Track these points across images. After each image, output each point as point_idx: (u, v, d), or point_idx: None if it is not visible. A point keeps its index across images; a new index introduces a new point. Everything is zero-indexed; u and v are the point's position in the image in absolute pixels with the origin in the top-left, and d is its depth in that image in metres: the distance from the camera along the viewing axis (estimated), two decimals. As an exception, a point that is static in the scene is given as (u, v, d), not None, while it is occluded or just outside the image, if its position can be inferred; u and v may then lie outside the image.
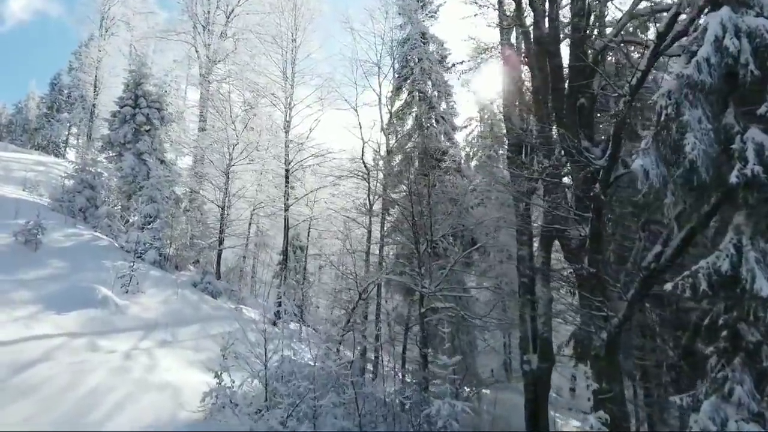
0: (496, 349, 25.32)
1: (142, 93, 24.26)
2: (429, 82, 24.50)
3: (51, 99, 61.40)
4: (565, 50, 13.44)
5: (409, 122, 25.18)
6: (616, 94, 12.34)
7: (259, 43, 23.31)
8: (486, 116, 30.72)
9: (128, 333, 11.58)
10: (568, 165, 11.86)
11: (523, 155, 17.46)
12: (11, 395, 7.51)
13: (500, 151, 27.70)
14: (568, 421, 21.60)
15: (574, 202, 11.01)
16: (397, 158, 22.99)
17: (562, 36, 12.17)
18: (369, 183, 19.47)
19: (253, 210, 25.30)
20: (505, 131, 18.85)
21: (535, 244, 17.13)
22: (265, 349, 9.37)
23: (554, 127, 12.83)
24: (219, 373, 8.94)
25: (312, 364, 11.23)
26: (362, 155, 20.28)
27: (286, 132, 21.44)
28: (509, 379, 27.30)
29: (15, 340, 9.05)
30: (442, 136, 23.53)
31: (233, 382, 9.10)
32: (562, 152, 11.41)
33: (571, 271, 17.11)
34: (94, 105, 32.92)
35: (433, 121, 23.83)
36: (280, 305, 21.01)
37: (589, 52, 11.25)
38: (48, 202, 19.82)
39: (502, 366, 27.66)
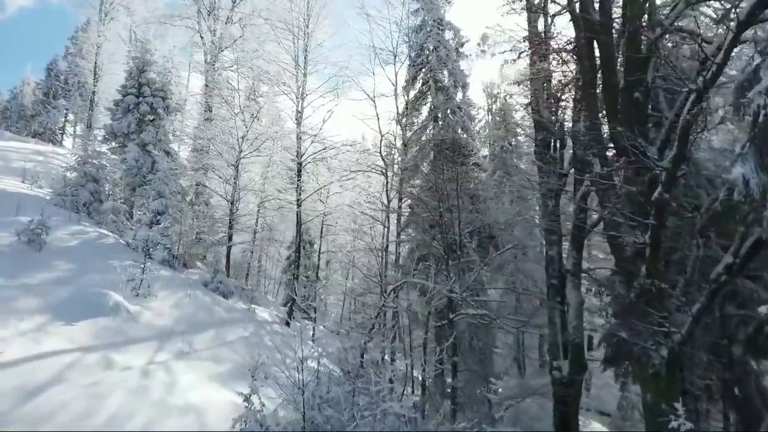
0: (510, 345, 24.65)
1: (146, 81, 23.25)
2: (445, 71, 23.52)
3: (47, 85, 60.11)
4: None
5: (424, 113, 24.29)
6: (667, 87, 11.55)
7: (270, 29, 22.15)
8: (495, 106, 29.92)
9: (143, 344, 10.76)
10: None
11: (552, 150, 16.63)
12: (24, 425, 6.72)
13: (513, 142, 26.87)
14: (588, 422, 21.00)
15: (628, 206, 10.12)
16: (412, 150, 22.09)
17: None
18: (387, 178, 18.55)
19: (261, 203, 24.41)
20: (526, 124, 17.81)
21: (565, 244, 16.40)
22: (301, 373, 8.41)
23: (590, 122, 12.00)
24: (248, 396, 8.10)
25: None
26: (380, 149, 19.34)
27: (298, 123, 20.47)
28: (522, 375, 26.73)
29: (24, 358, 8.22)
30: (459, 127, 22.62)
31: (263, 405, 8.26)
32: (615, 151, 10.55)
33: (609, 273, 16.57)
34: (93, 92, 31.72)
35: (449, 111, 22.89)
36: (292, 305, 20.38)
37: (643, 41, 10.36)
38: (50, 197, 18.87)
39: (514, 362, 27.05)
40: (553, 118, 16.54)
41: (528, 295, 16.99)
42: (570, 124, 16.41)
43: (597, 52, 10.97)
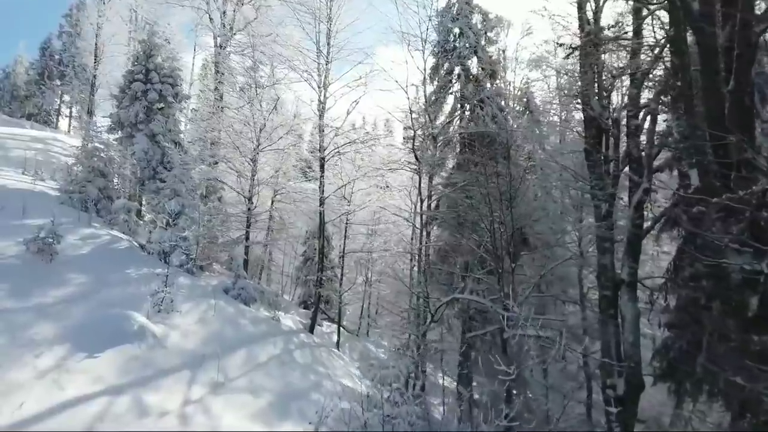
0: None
1: (154, 66, 21.68)
2: (474, 59, 22.07)
3: (41, 65, 58.02)
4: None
5: (449, 104, 22.89)
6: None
7: (287, 11, 20.60)
8: (524, 98, 28.41)
9: (174, 375, 9.56)
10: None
11: (603, 147, 15.33)
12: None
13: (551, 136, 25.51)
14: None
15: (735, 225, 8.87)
16: (439, 145, 20.72)
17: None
18: (421, 177, 17.21)
19: (274, 196, 23.07)
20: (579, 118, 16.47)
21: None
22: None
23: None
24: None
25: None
26: (413, 145, 17.94)
27: (321, 115, 19.03)
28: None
29: (47, 411, 7.02)
30: (488, 119, 21.23)
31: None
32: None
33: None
34: (94, 76, 30.02)
35: (475, 101, 21.41)
36: (316, 311, 19.19)
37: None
38: (56, 193, 17.52)
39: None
40: (606, 113, 15.24)
41: (568, 304, 15.78)
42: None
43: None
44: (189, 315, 12.55)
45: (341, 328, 22.66)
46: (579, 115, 20.35)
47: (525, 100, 26.96)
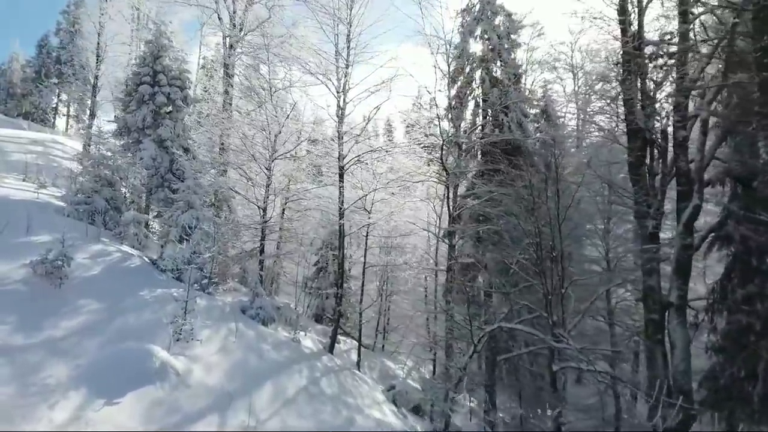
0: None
1: (162, 68, 20.62)
2: (498, 62, 21.12)
3: (38, 63, 56.78)
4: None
5: (470, 108, 21.93)
6: None
7: (303, 11, 19.59)
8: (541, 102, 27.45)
9: (202, 421, 8.60)
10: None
11: (648, 159, 14.41)
12: None
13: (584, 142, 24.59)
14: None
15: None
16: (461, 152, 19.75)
17: None
18: (449, 190, 16.20)
19: (285, 204, 22.02)
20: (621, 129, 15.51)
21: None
22: None
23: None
24: None
25: None
26: (441, 155, 16.92)
27: (340, 121, 18.01)
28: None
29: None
30: (513, 125, 20.30)
31: None
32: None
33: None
34: (96, 76, 28.84)
35: (500, 107, 20.46)
36: (336, 330, 18.16)
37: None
38: (61, 202, 16.48)
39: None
40: (650, 122, 14.31)
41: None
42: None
43: None
44: (209, 343, 11.58)
45: (356, 341, 21.71)
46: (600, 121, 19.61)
47: (543, 103, 26.09)
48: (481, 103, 21.44)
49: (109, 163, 17.20)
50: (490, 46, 20.71)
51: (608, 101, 18.32)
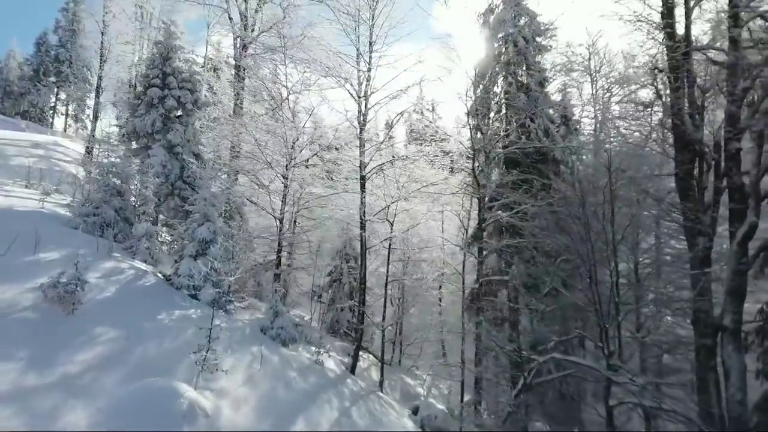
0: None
1: (171, 70, 19.73)
2: (524, 66, 20.23)
3: (37, 61, 55.67)
4: None
5: (493, 114, 21.04)
6: None
7: (320, 10, 18.67)
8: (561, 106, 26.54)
9: (239, 473, 7.68)
10: None
11: (697, 171, 13.55)
12: None
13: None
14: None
15: None
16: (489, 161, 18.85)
17: None
18: (482, 203, 15.30)
19: (297, 211, 21.07)
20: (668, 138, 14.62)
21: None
22: None
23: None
24: None
25: None
26: (473, 166, 16.00)
27: (361, 128, 17.11)
28: None
29: None
30: (540, 132, 19.42)
31: None
32: None
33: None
34: (100, 77, 27.82)
35: (529, 113, 19.55)
36: (357, 350, 17.25)
37: None
38: (66, 212, 15.54)
39: None
40: (699, 132, 13.47)
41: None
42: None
43: None
44: (235, 372, 10.69)
45: (373, 356, 20.83)
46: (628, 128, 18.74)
47: (562, 108, 25.20)
48: (504, 109, 20.57)
49: (118, 171, 16.25)
50: (516, 49, 19.81)
51: (641, 108, 17.51)
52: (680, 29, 13.94)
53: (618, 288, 10.91)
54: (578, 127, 25.13)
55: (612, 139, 21.69)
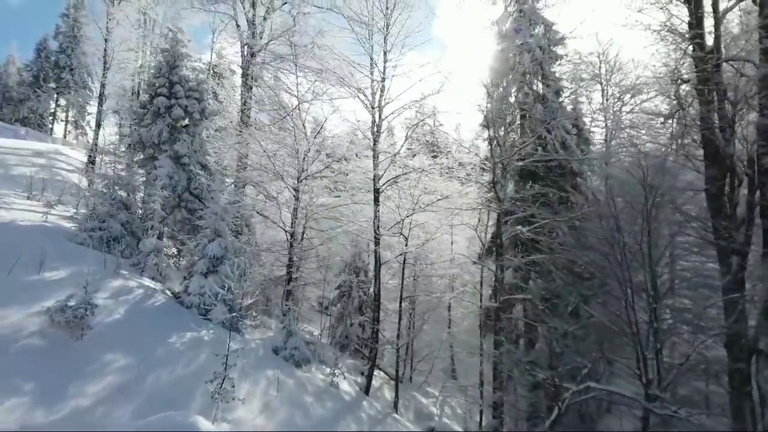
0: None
1: (179, 79, 19.17)
2: (540, 76, 19.77)
3: (37, 67, 55.22)
4: None
5: (508, 125, 20.52)
6: None
7: (329, 17, 18.26)
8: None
9: None
10: None
11: (728, 187, 13.06)
12: None
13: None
14: None
15: None
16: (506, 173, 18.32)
17: None
18: (501, 220, 14.79)
19: (306, 223, 20.53)
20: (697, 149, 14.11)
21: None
22: None
23: None
24: None
25: None
26: (493, 179, 15.49)
27: (375, 139, 16.60)
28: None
29: None
30: (557, 143, 18.94)
31: None
32: None
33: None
34: (103, 84, 27.29)
35: (546, 123, 19.01)
36: (372, 370, 16.68)
37: None
38: (70, 225, 14.99)
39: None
40: (730, 149, 12.97)
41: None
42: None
43: None
44: (251, 400, 10.15)
45: (383, 373, 20.27)
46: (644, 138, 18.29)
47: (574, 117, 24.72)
48: (518, 120, 20.11)
49: (124, 183, 15.71)
50: (532, 59, 19.35)
51: (660, 119, 17.07)
52: (708, 40, 13.49)
53: (657, 314, 10.35)
54: (589, 137, 24.69)
55: (624, 150, 21.25)
